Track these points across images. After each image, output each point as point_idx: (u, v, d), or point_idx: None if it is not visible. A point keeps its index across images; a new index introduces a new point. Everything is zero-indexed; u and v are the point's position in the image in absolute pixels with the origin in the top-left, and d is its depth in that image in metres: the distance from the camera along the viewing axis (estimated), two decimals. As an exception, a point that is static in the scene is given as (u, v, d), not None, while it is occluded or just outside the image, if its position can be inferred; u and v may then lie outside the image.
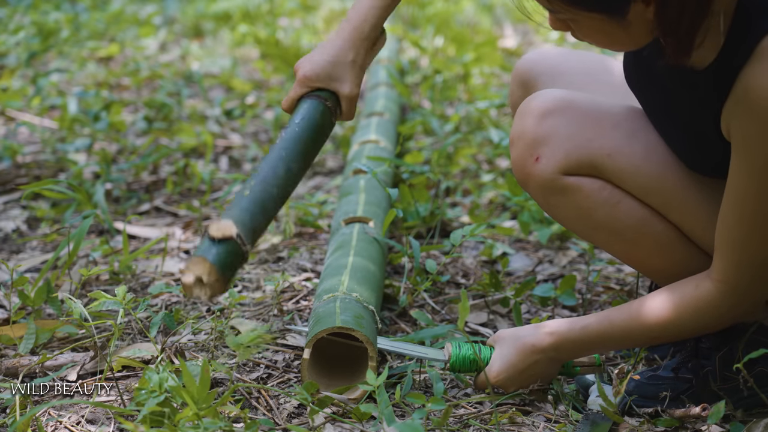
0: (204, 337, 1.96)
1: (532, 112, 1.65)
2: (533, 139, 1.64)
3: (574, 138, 1.62)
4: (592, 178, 1.63)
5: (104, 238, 2.51)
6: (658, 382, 1.71)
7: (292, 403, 1.72)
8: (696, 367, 1.70)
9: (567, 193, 1.64)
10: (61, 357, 1.87)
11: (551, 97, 1.66)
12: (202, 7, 6.26)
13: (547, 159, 1.63)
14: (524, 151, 1.65)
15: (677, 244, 1.65)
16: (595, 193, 1.63)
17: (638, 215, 1.64)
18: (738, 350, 1.66)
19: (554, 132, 1.63)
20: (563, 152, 1.62)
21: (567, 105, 1.65)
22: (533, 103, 1.66)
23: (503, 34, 5.70)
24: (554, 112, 1.64)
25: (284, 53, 4.79)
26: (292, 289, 2.22)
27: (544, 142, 1.63)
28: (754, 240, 1.51)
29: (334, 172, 3.28)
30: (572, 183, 1.63)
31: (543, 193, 1.66)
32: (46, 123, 3.68)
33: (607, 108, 1.67)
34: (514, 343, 1.71)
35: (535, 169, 1.64)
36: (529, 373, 1.71)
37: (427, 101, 4.05)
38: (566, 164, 1.62)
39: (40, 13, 5.61)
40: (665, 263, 1.67)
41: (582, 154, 1.62)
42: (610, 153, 1.62)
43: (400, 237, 2.56)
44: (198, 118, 3.85)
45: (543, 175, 1.64)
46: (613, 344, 1.72)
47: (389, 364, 1.88)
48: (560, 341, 1.69)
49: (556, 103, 1.65)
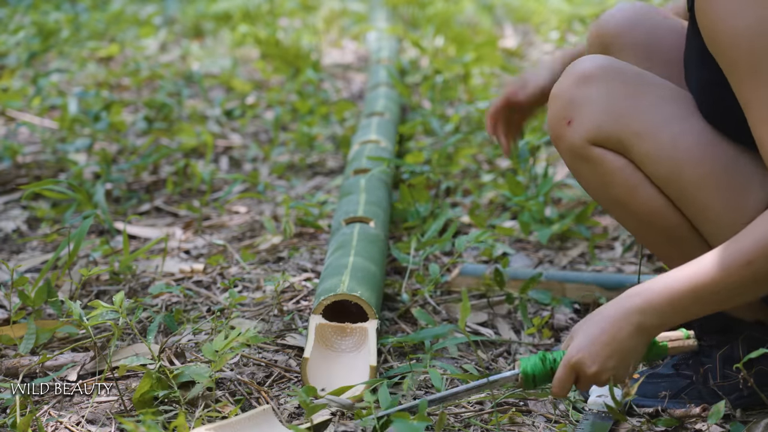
0: (204, 338, 1.96)
1: (575, 74, 1.62)
2: (569, 102, 1.62)
3: (608, 110, 1.59)
4: (617, 154, 1.60)
5: (104, 238, 2.51)
6: (658, 380, 1.72)
7: (292, 403, 1.72)
8: (696, 365, 1.70)
9: (590, 162, 1.62)
10: (61, 357, 1.87)
11: (597, 63, 1.62)
12: (203, 8, 6.26)
13: (578, 125, 1.61)
14: (559, 111, 1.63)
15: (689, 237, 1.63)
16: (616, 170, 1.61)
17: (654, 204, 1.61)
18: (738, 349, 1.66)
19: (590, 99, 1.60)
20: (594, 122, 1.60)
21: (610, 74, 1.61)
22: (579, 64, 1.63)
23: (503, 34, 5.70)
24: (595, 79, 1.61)
25: (284, 53, 4.79)
26: (292, 289, 2.22)
27: (578, 107, 1.61)
28: None
29: (334, 172, 3.28)
30: (597, 154, 1.61)
31: (570, 156, 1.65)
32: (47, 123, 3.69)
33: (651, 85, 1.62)
34: (593, 317, 1.52)
35: (565, 131, 1.62)
36: (614, 347, 1.48)
37: (427, 101, 4.05)
38: (595, 134, 1.60)
39: (40, 13, 5.61)
40: (674, 252, 1.66)
41: (612, 128, 1.59)
42: (639, 133, 1.58)
43: (401, 237, 2.57)
44: (198, 118, 3.85)
45: (571, 139, 1.62)
46: (708, 297, 1.48)
47: (390, 364, 1.88)
48: (643, 301, 1.48)
49: (600, 71, 1.61)
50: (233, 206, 2.93)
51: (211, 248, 2.56)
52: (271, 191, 3.01)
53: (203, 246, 2.59)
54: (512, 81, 2.12)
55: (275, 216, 2.79)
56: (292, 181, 3.14)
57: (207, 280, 2.32)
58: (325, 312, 1.86)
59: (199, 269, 2.37)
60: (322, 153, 3.42)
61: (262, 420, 1.55)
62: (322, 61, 4.95)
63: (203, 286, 2.28)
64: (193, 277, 2.33)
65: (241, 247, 2.54)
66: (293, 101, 4.03)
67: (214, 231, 2.71)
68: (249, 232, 2.70)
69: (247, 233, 2.68)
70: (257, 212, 2.86)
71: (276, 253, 2.50)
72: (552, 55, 2.06)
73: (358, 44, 5.52)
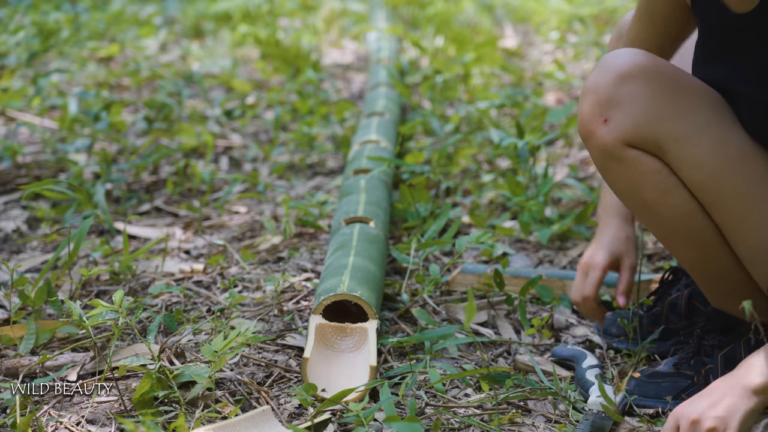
0: (204, 338, 1.96)
1: (615, 70, 1.57)
2: (607, 99, 1.56)
3: (647, 111, 1.55)
4: (653, 157, 1.57)
5: (104, 238, 2.51)
6: (659, 380, 1.71)
7: (292, 403, 1.72)
8: (698, 365, 1.70)
9: (623, 163, 1.58)
10: (61, 357, 1.87)
11: (638, 60, 1.57)
12: (203, 8, 6.26)
13: (615, 124, 1.56)
14: (594, 107, 1.58)
15: (715, 243, 1.62)
16: (650, 173, 1.57)
17: (684, 209, 1.59)
18: (741, 349, 1.66)
19: (630, 99, 1.55)
20: (633, 123, 1.55)
21: (651, 74, 1.56)
22: (619, 60, 1.58)
23: (503, 34, 5.70)
24: (636, 78, 1.56)
25: (284, 53, 4.79)
26: (292, 289, 2.22)
27: (616, 106, 1.56)
28: None
29: (334, 172, 3.28)
30: (631, 156, 1.57)
31: (601, 154, 1.60)
32: (47, 123, 3.69)
33: (691, 88, 1.59)
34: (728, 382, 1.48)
35: (600, 129, 1.57)
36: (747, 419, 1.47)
37: (427, 101, 4.05)
38: (633, 136, 1.56)
39: (40, 14, 5.61)
40: (698, 257, 1.65)
41: (650, 130, 1.55)
42: (678, 138, 1.55)
43: (401, 237, 2.57)
44: (198, 118, 3.85)
45: (606, 138, 1.57)
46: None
47: (390, 364, 1.88)
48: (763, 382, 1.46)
49: (641, 69, 1.56)
50: (233, 206, 2.93)
51: (211, 248, 2.56)
52: (271, 191, 3.01)
53: (203, 246, 2.59)
54: (577, 280, 2.01)
55: (275, 216, 2.79)
56: (292, 181, 3.14)
57: (207, 280, 2.32)
58: (325, 312, 1.86)
59: (199, 269, 2.37)
60: (322, 153, 3.42)
61: (262, 420, 1.55)
62: (322, 61, 4.95)
63: (203, 286, 2.29)
64: (193, 277, 2.33)
65: (241, 247, 2.54)
66: (293, 101, 4.03)
67: (214, 231, 2.71)
68: (249, 232, 2.70)
69: (247, 233, 2.68)
70: (257, 212, 2.86)
71: (276, 253, 2.50)
72: (598, 217, 2.06)
73: (358, 44, 5.52)
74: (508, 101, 3.68)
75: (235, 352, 1.70)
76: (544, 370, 1.86)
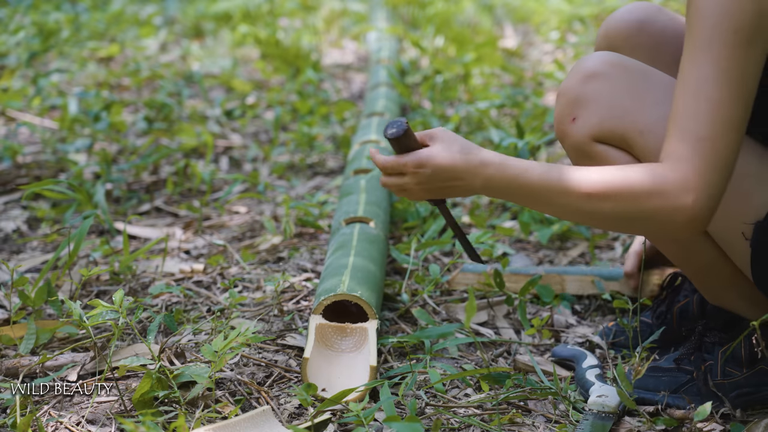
0: (204, 338, 1.96)
1: (581, 71, 1.62)
2: (574, 99, 1.62)
3: (612, 107, 1.59)
4: (621, 151, 1.60)
5: (104, 238, 2.51)
6: (659, 374, 1.72)
7: (292, 403, 1.72)
8: (698, 361, 1.70)
9: (594, 159, 1.62)
10: (61, 357, 1.87)
11: (603, 59, 1.62)
12: (203, 8, 6.26)
13: (583, 122, 1.61)
14: (564, 108, 1.64)
15: (697, 236, 1.64)
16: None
17: None
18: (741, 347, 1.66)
19: (595, 96, 1.60)
20: (598, 119, 1.60)
21: (616, 71, 1.61)
22: (586, 61, 1.64)
23: (503, 34, 5.70)
24: (600, 76, 1.60)
25: (284, 53, 4.79)
26: (292, 290, 2.22)
27: (583, 104, 1.61)
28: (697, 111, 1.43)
29: (334, 172, 3.28)
30: (600, 151, 1.61)
31: (573, 153, 1.65)
32: (47, 123, 3.69)
33: (656, 82, 1.61)
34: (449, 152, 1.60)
35: (570, 128, 1.63)
36: (445, 192, 1.63)
37: (427, 101, 4.05)
38: (599, 131, 1.60)
39: (40, 14, 5.61)
40: (683, 252, 1.68)
41: (616, 124, 1.59)
42: (643, 131, 1.57)
43: (401, 237, 2.57)
44: (198, 118, 3.85)
45: (575, 136, 1.62)
46: (542, 199, 1.55)
47: (390, 364, 1.88)
48: (494, 173, 1.57)
49: (605, 67, 1.61)
50: (233, 206, 2.93)
51: (211, 248, 2.56)
52: (271, 191, 3.01)
53: (203, 246, 2.59)
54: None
55: (275, 216, 2.79)
56: (292, 181, 3.14)
57: (207, 280, 2.32)
58: (325, 312, 1.86)
59: (199, 269, 2.37)
60: (322, 153, 3.42)
61: (262, 420, 1.55)
62: (322, 61, 4.95)
63: (203, 286, 2.29)
64: (193, 277, 2.33)
65: (241, 247, 2.54)
66: (293, 101, 4.03)
67: (214, 231, 2.71)
68: (249, 232, 2.70)
69: (247, 233, 2.68)
70: (257, 212, 2.86)
71: (276, 253, 2.50)
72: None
73: (358, 44, 5.52)
74: (508, 101, 3.69)
75: (235, 352, 1.70)
76: (544, 370, 1.86)
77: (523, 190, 1.55)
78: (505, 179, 1.55)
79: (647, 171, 1.45)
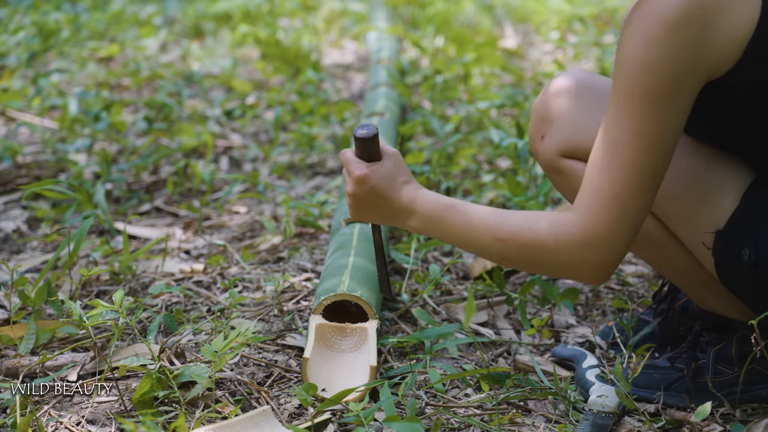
0: (204, 338, 1.96)
1: (548, 90, 1.68)
2: (542, 116, 1.68)
3: (575, 122, 1.64)
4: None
5: (104, 238, 2.51)
6: (652, 371, 1.73)
7: (292, 403, 1.72)
8: (690, 359, 1.71)
9: (563, 173, 1.68)
10: (61, 357, 1.87)
11: (568, 77, 1.68)
12: (203, 8, 6.26)
13: (550, 138, 1.66)
14: (534, 126, 1.70)
15: (669, 243, 1.66)
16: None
17: None
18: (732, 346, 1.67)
19: (560, 113, 1.66)
20: (563, 135, 1.65)
21: (581, 88, 1.66)
22: (553, 81, 1.69)
23: (503, 34, 5.70)
24: (566, 93, 1.66)
25: (284, 53, 4.79)
26: (292, 290, 2.22)
27: (550, 122, 1.67)
28: (610, 169, 1.45)
29: (334, 172, 3.28)
30: (568, 166, 1.66)
31: (546, 169, 1.71)
32: (47, 123, 3.69)
33: None
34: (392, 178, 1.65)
35: (539, 146, 1.69)
36: (374, 216, 1.67)
37: (427, 101, 4.05)
38: (565, 147, 1.65)
39: (40, 14, 5.61)
40: (658, 258, 1.70)
41: (579, 139, 1.64)
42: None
43: (401, 237, 2.57)
44: (198, 118, 3.85)
45: (545, 154, 1.68)
46: (461, 236, 1.60)
47: (390, 364, 1.88)
48: (419, 211, 1.62)
49: (571, 85, 1.66)
50: (233, 206, 2.93)
51: (211, 248, 2.56)
52: (271, 191, 3.01)
53: (203, 246, 2.59)
54: None
55: (275, 216, 2.79)
56: (292, 181, 3.14)
57: (207, 280, 2.32)
58: (325, 312, 1.86)
59: (199, 269, 2.37)
60: (322, 153, 3.42)
61: (262, 420, 1.55)
62: (322, 61, 4.95)
63: (203, 286, 2.29)
64: (193, 278, 2.33)
65: (241, 248, 2.54)
66: (293, 101, 4.03)
67: (214, 231, 2.71)
68: (249, 232, 2.70)
69: (247, 233, 2.68)
70: (257, 212, 2.86)
71: (276, 253, 2.50)
72: None
73: (358, 44, 5.52)
74: (508, 101, 3.68)
75: (235, 352, 1.70)
76: (544, 370, 1.86)
77: (445, 227, 1.60)
78: (429, 212, 1.60)
79: (554, 224, 1.49)
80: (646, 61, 1.39)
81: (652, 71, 1.39)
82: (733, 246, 1.53)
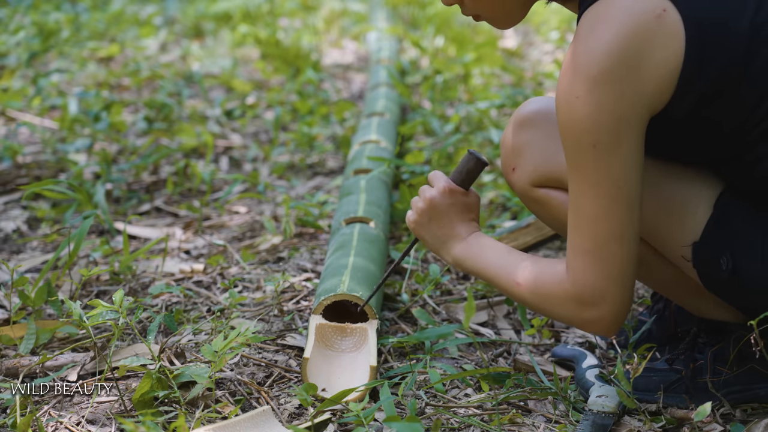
0: (204, 338, 1.96)
1: (514, 122, 1.70)
2: (511, 149, 1.70)
3: (543, 151, 1.66)
4: (560, 190, 1.66)
5: (105, 238, 2.51)
6: (651, 374, 1.73)
7: (292, 403, 1.72)
8: (688, 360, 1.71)
9: (539, 202, 1.70)
10: (61, 357, 1.87)
11: (534, 107, 1.69)
12: (203, 8, 6.26)
13: (521, 170, 1.68)
14: (504, 159, 1.72)
15: (652, 258, 1.66)
16: (561, 206, 1.66)
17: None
18: (730, 348, 1.67)
19: (527, 144, 1.67)
20: (533, 165, 1.67)
21: (543, 117, 1.67)
22: (519, 111, 1.70)
23: (503, 34, 5.70)
24: (530, 124, 1.67)
25: (284, 53, 4.79)
26: (292, 290, 2.22)
27: (518, 154, 1.69)
28: (579, 225, 1.48)
29: (334, 172, 3.28)
30: (541, 195, 1.68)
31: (522, 198, 1.73)
32: (47, 123, 3.69)
33: None
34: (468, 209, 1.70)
35: (512, 178, 1.71)
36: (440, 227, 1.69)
37: (427, 101, 4.05)
38: (536, 177, 1.67)
39: (40, 14, 5.61)
40: (644, 271, 1.69)
41: (548, 168, 1.65)
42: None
43: (401, 237, 2.57)
44: (198, 118, 3.85)
45: (518, 185, 1.70)
46: (489, 277, 1.65)
47: (390, 364, 1.88)
48: (460, 251, 1.67)
49: (536, 115, 1.68)
50: (233, 206, 2.93)
51: (211, 248, 2.56)
52: (271, 191, 3.01)
53: (203, 246, 2.59)
54: None
55: (275, 216, 2.79)
56: (292, 181, 3.14)
57: (207, 280, 2.32)
58: (325, 312, 1.86)
59: (199, 269, 2.37)
60: (322, 153, 3.42)
61: (262, 420, 1.55)
62: (322, 61, 4.95)
63: (203, 286, 2.29)
64: (193, 277, 2.33)
65: (241, 247, 2.54)
66: (293, 101, 4.03)
67: (214, 231, 2.71)
68: (249, 232, 2.70)
69: (247, 233, 2.68)
70: (257, 212, 2.86)
71: (276, 253, 2.50)
72: None
73: (358, 44, 5.52)
74: (508, 101, 3.69)
75: (235, 352, 1.70)
76: (544, 370, 1.86)
77: (481, 265, 1.64)
78: (475, 246, 1.65)
79: (562, 280, 1.51)
80: (582, 117, 1.41)
81: (589, 126, 1.41)
82: (711, 256, 1.54)
